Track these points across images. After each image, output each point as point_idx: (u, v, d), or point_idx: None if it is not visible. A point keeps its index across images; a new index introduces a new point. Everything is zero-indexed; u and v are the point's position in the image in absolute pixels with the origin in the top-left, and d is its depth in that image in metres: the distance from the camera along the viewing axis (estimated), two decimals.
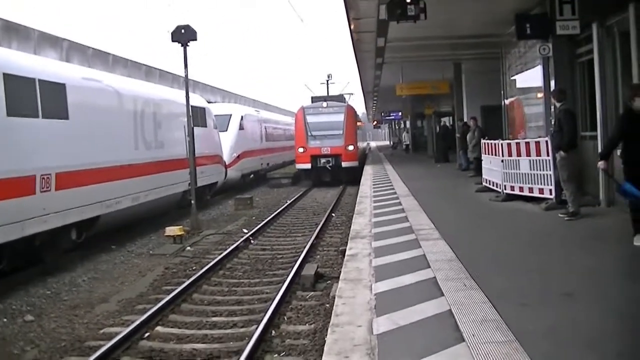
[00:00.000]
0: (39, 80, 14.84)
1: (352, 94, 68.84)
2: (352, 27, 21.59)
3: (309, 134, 37.99)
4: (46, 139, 14.89)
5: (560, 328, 6.24)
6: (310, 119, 38.36)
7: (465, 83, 33.02)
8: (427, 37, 23.35)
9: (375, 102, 64.53)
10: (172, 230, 18.81)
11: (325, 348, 6.21)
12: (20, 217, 13.53)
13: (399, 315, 6.89)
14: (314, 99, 42.73)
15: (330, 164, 37.74)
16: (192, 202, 21.60)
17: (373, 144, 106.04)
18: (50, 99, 15.21)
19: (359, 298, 7.81)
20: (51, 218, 14.75)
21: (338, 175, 37.80)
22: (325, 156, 37.78)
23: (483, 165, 20.22)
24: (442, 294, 7.60)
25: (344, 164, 37.61)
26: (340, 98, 45.12)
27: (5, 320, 11.50)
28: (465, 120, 29.72)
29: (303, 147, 38.08)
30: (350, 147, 37.94)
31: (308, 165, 38.13)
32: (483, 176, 19.98)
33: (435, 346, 5.85)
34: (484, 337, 5.97)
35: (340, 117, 38.46)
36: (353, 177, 34.44)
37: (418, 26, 17.35)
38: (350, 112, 39.72)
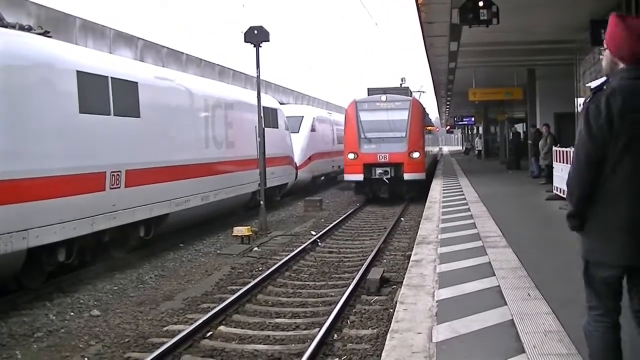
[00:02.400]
0: (112, 78, 15.05)
1: (423, 91, 60.72)
2: (424, 31, 21.43)
3: (362, 136, 29.41)
4: (117, 137, 15.09)
5: (624, 344, 6.05)
6: (364, 116, 29.76)
7: (539, 89, 32.57)
8: (500, 42, 23.09)
9: (448, 106, 63.92)
10: (240, 230, 18.92)
11: (383, 355, 6.16)
12: (90, 212, 13.76)
13: (459, 324, 6.80)
14: (371, 91, 32.56)
15: (389, 176, 28.91)
16: (261, 202, 21.70)
17: (445, 149, 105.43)
18: (122, 97, 15.42)
19: (420, 304, 7.73)
20: (120, 215, 14.95)
21: (398, 189, 29.61)
22: (382, 165, 28.93)
23: (554, 173, 19.88)
24: (505, 303, 7.48)
25: (406, 176, 28.91)
26: (404, 90, 35.40)
27: (72, 314, 11.70)
28: (537, 127, 29.32)
29: (354, 152, 29.53)
30: (416, 155, 29.26)
31: (360, 177, 29.40)
32: (554, 184, 19.66)
33: (494, 357, 5.77)
34: (546, 349, 5.83)
35: (404, 115, 29.67)
36: (417, 193, 28.21)
37: (491, 31, 17.15)
38: (417, 109, 30.68)
